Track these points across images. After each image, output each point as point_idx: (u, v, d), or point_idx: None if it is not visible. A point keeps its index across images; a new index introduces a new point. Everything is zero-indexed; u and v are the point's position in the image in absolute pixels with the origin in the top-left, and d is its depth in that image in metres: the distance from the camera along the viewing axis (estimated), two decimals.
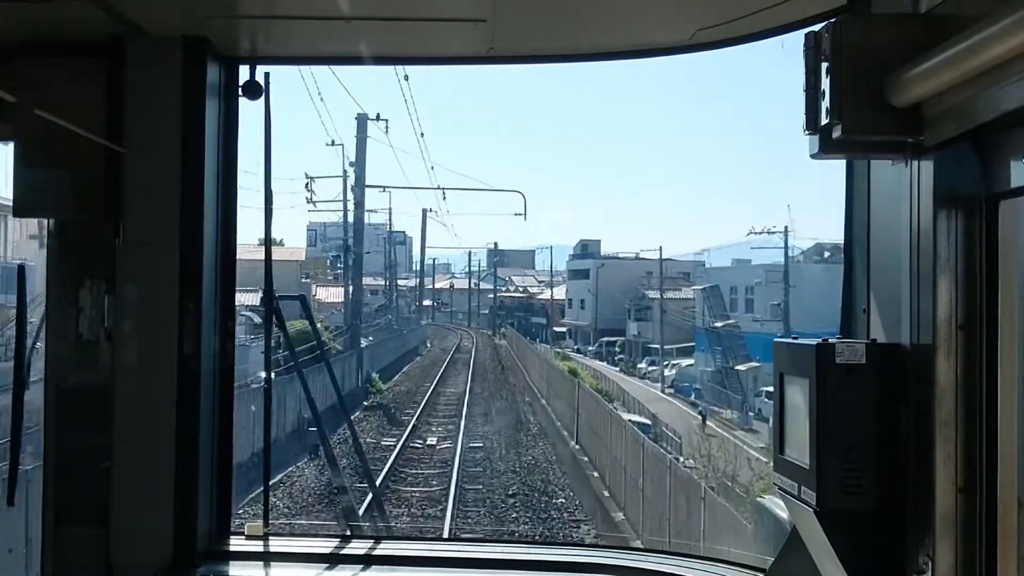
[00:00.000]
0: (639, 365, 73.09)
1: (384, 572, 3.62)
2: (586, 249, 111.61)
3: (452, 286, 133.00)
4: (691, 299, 71.24)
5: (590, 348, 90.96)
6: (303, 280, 58.81)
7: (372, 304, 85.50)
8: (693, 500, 18.08)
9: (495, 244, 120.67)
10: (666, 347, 66.55)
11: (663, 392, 57.96)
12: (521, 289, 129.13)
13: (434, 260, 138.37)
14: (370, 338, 54.62)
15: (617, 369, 73.01)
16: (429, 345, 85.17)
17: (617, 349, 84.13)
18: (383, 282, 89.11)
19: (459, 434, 32.47)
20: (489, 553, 3.83)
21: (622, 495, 23.26)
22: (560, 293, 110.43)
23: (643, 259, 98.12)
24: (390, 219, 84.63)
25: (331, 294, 68.16)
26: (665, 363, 64.99)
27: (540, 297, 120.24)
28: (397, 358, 59.73)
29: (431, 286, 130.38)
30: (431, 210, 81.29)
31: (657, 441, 28.48)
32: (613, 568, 3.62)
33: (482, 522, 22.11)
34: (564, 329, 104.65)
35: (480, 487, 25.34)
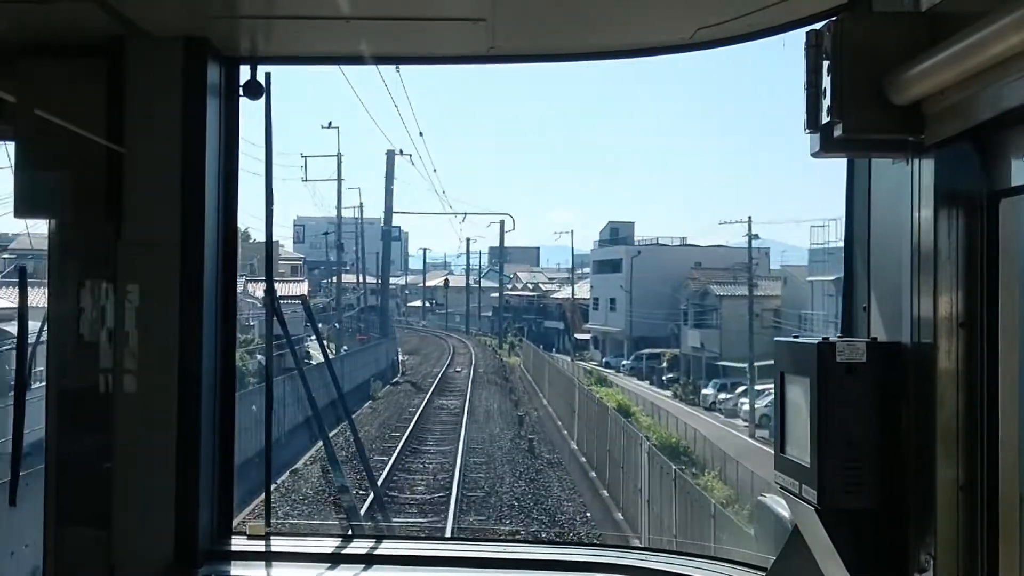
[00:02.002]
0: (704, 391, 51.01)
1: (386, 571, 3.62)
2: (616, 234, 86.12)
3: (447, 283, 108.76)
4: (770, 297, 52.59)
5: (624, 362, 68.12)
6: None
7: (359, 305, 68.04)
8: None
9: (502, 222, 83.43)
10: (734, 364, 47.66)
11: (752, 437, 38.35)
12: (531, 287, 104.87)
13: (424, 251, 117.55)
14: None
15: (669, 394, 52.82)
16: (399, 373, 51.89)
17: (664, 366, 61.18)
18: (371, 280, 69.53)
19: None
20: (492, 552, 3.83)
21: None
22: (581, 291, 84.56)
23: (692, 245, 77.09)
24: (339, 166, 57.77)
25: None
26: (741, 388, 45.23)
27: (556, 296, 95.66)
28: (294, 429, 25.11)
29: (423, 284, 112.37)
30: (401, 152, 56.17)
31: None
32: (617, 567, 3.62)
33: None
34: (588, 336, 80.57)
35: None
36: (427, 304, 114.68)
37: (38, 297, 3.77)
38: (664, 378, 58.98)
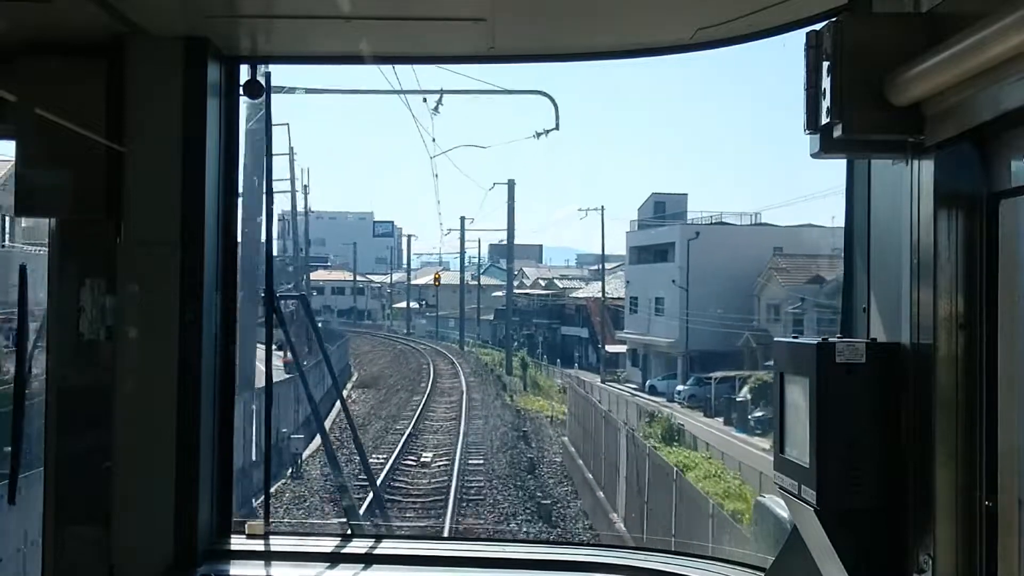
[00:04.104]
0: None
1: (385, 571, 3.63)
2: (662, 210, 62.27)
3: (438, 280, 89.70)
4: None
5: (680, 387, 48.68)
6: None
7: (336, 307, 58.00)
8: None
9: (510, 183, 58.80)
10: None
11: None
12: (544, 283, 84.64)
13: (409, 238, 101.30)
14: None
15: (765, 446, 32.22)
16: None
17: (747, 397, 40.90)
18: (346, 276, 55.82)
19: None
20: (491, 552, 3.83)
21: None
22: (607, 289, 63.45)
23: (768, 224, 57.43)
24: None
25: None
26: None
27: (577, 295, 74.64)
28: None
29: (408, 281, 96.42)
30: None
31: None
32: (616, 567, 3.62)
33: None
34: (622, 349, 59.90)
35: None
36: (417, 305, 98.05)
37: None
38: (750, 417, 39.06)
